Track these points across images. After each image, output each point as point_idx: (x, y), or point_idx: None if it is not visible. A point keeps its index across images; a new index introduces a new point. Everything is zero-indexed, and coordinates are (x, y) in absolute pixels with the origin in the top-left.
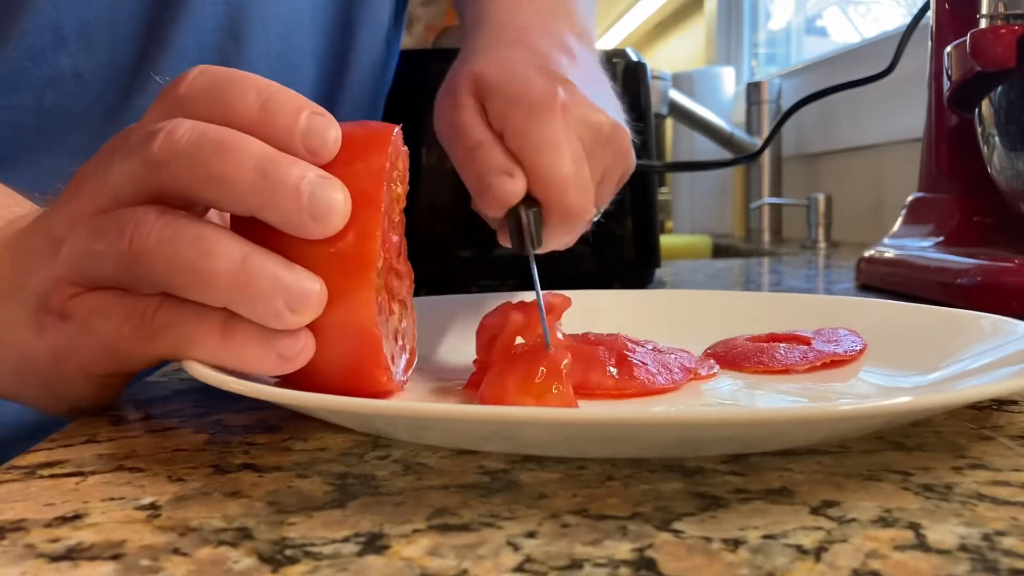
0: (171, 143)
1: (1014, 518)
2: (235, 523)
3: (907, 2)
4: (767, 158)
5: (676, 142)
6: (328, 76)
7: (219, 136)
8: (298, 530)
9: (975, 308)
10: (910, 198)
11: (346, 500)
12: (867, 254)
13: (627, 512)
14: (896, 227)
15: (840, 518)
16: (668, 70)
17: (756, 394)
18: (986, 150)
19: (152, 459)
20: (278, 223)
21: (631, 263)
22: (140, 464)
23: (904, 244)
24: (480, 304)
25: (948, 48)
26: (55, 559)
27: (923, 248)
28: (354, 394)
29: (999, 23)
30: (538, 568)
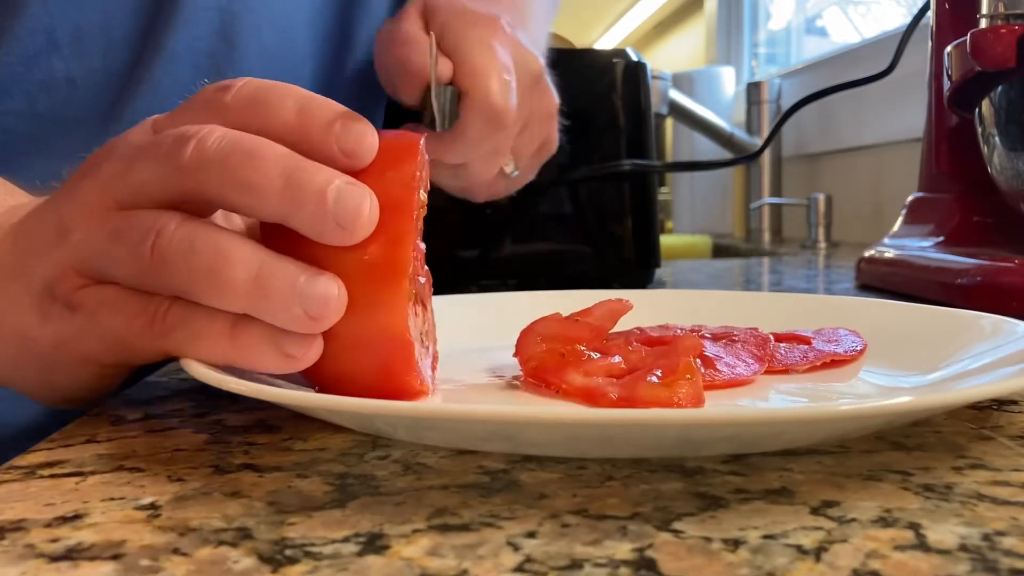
0: (202, 150)
1: (1014, 518)
2: (235, 523)
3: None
4: (767, 158)
5: (676, 142)
6: (325, 79)
7: (249, 144)
8: (298, 530)
9: (975, 308)
10: (910, 198)
11: (346, 500)
12: (867, 254)
13: (627, 512)
14: (896, 227)
15: (840, 518)
16: (668, 70)
17: (756, 394)
18: (986, 150)
19: (152, 459)
20: (304, 229)
21: (631, 263)
22: (140, 464)
23: (904, 244)
24: (481, 304)
25: (948, 48)
26: (55, 559)
27: (923, 248)
28: (387, 399)
29: (999, 23)
30: (538, 568)
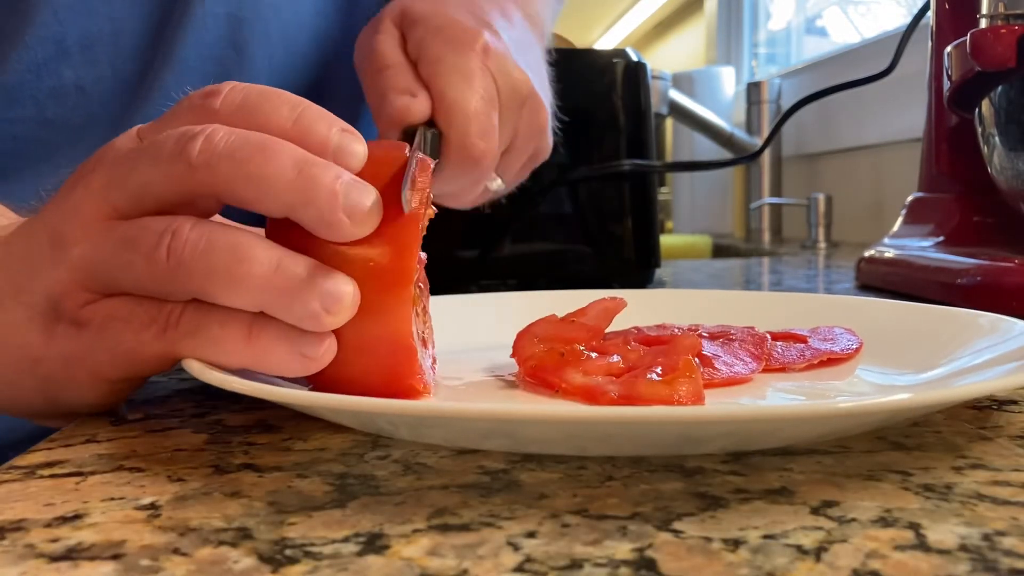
0: (212, 145)
1: (1014, 518)
2: (235, 523)
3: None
4: (767, 158)
5: (676, 142)
6: (326, 82)
7: (258, 139)
8: (298, 530)
9: (975, 308)
10: (910, 198)
11: (346, 500)
12: (867, 254)
13: (627, 512)
14: (896, 227)
15: (840, 518)
16: (668, 70)
17: (754, 392)
18: (986, 150)
19: (152, 459)
20: (313, 221)
21: (631, 263)
22: (140, 464)
23: (904, 244)
24: (481, 304)
25: (948, 48)
26: (55, 559)
27: (923, 248)
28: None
29: (999, 23)
30: (538, 568)
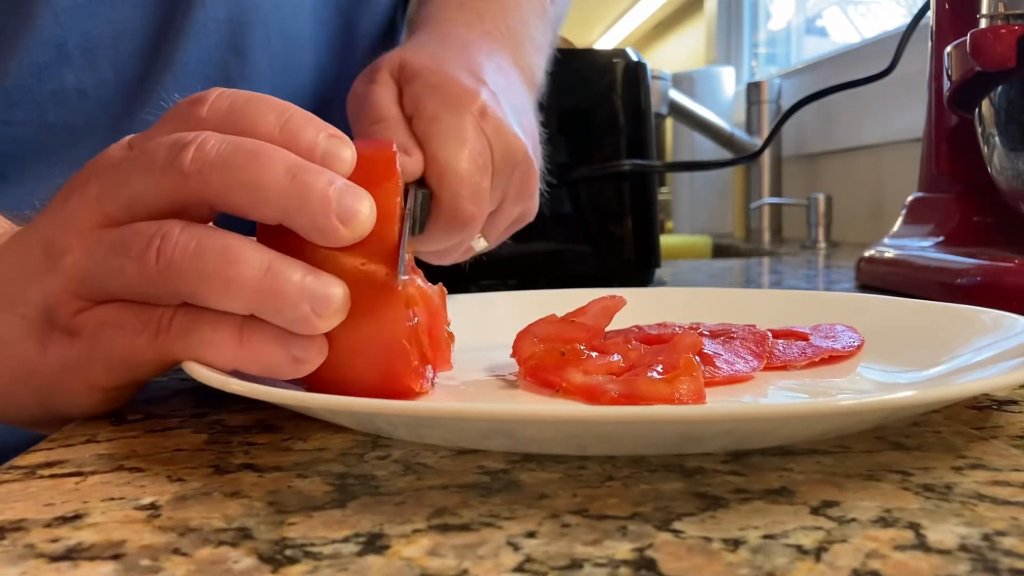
0: (203, 153)
1: (1014, 518)
2: (235, 523)
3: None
4: (767, 158)
5: (676, 142)
6: (327, 85)
7: (250, 145)
8: (298, 530)
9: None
10: (910, 198)
11: (346, 500)
12: (867, 254)
13: (627, 512)
14: (896, 227)
15: (840, 518)
16: (668, 70)
17: (755, 390)
18: (986, 150)
19: (152, 459)
20: (306, 227)
21: (631, 263)
22: (140, 464)
23: (904, 244)
24: (481, 304)
25: (948, 48)
26: (55, 559)
27: (923, 248)
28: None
29: (999, 23)
30: (538, 568)
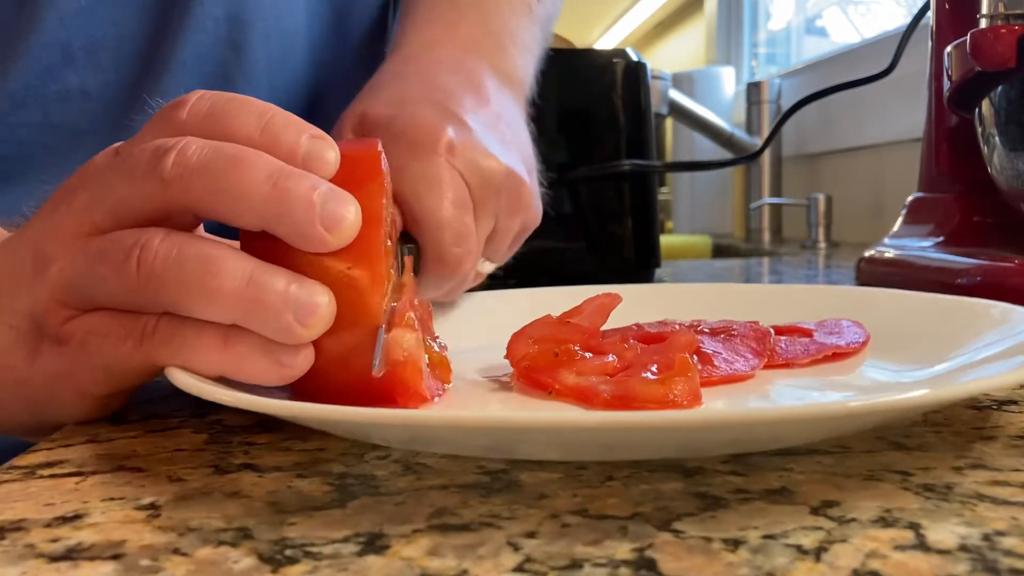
0: (184, 159)
1: (1014, 518)
2: (235, 523)
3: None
4: (767, 158)
5: (676, 142)
6: (320, 82)
7: (231, 151)
8: (298, 530)
9: None
10: (910, 198)
11: (346, 500)
12: (867, 254)
13: (627, 512)
14: (896, 227)
15: (840, 518)
16: (668, 70)
17: (755, 389)
18: (986, 150)
19: (152, 459)
20: (290, 235)
21: (631, 263)
22: (140, 464)
23: (904, 244)
24: (480, 304)
25: (948, 48)
26: (55, 559)
27: (923, 248)
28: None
29: (999, 23)
30: (538, 568)
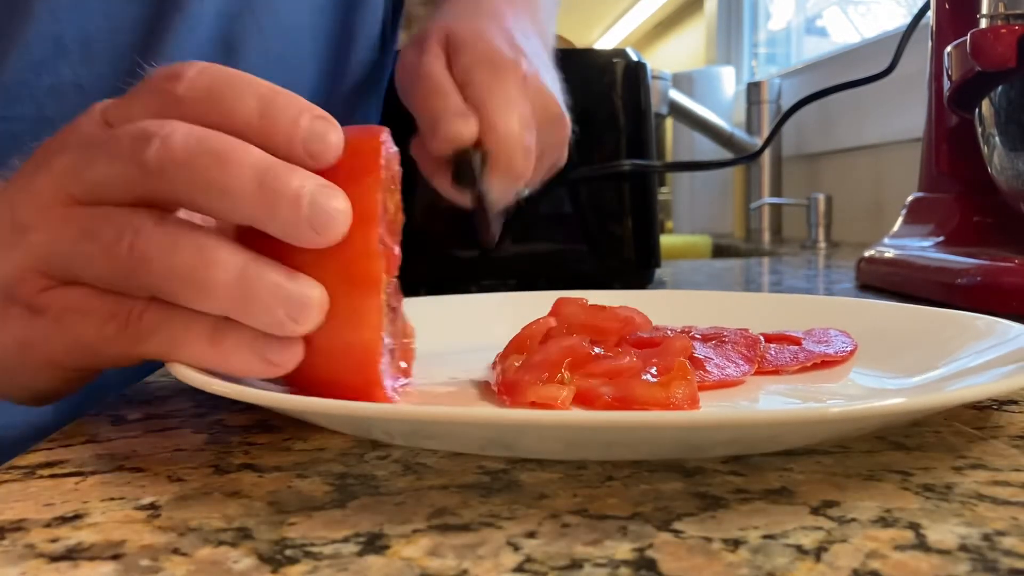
0: (168, 150)
1: (1014, 518)
2: (235, 523)
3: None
4: (767, 158)
5: (676, 142)
6: (327, 78)
7: (218, 145)
8: (298, 530)
9: (975, 308)
10: (910, 198)
11: (346, 500)
12: (867, 254)
13: (627, 512)
14: (896, 227)
15: (840, 518)
16: (668, 70)
17: (747, 395)
18: (986, 150)
19: (152, 459)
20: (278, 233)
21: (631, 263)
22: (140, 464)
23: (904, 244)
24: (480, 304)
25: (948, 48)
26: (55, 559)
27: (923, 248)
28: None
29: (999, 23)
30: (538, 568)
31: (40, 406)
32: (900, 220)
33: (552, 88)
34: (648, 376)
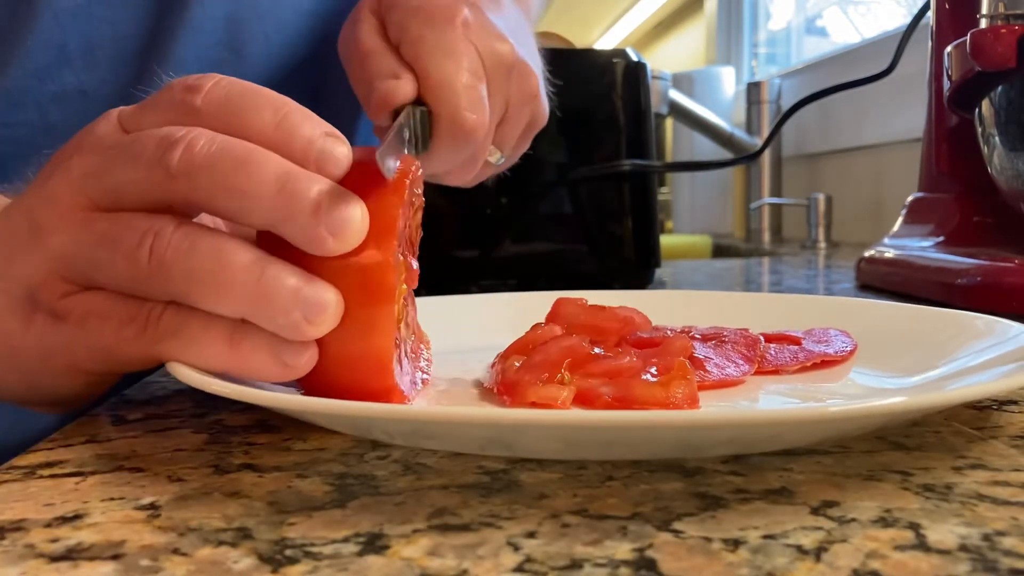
0: (191, 155)
1: (1014, 518)
2: (235, 523)
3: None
4: (767, 158)
5: (676, 142)
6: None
7: (240, 150)
8: (298, 530)
9: (975, 308)
10: (910, 198)
11: (346, 500)
12: (867, 254)
13: (627, 512)
14: (896, 227)
15: (840, 518)
16: (668, 70)
17: (747, 394)
18: (986, 150)
19: (152, 459)
20: (295, 238)
21: (631, 263)
22: (140, 464)
23: (904, 244)
24: (480, 304)
25: (948, 48)
26: (55, 559)
27: (923, 248)
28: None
29: (999, 23)
30: (538, 568)
31: (61, 413)
32: (900, 220)
33: (507, 33)
34: (648, 376)
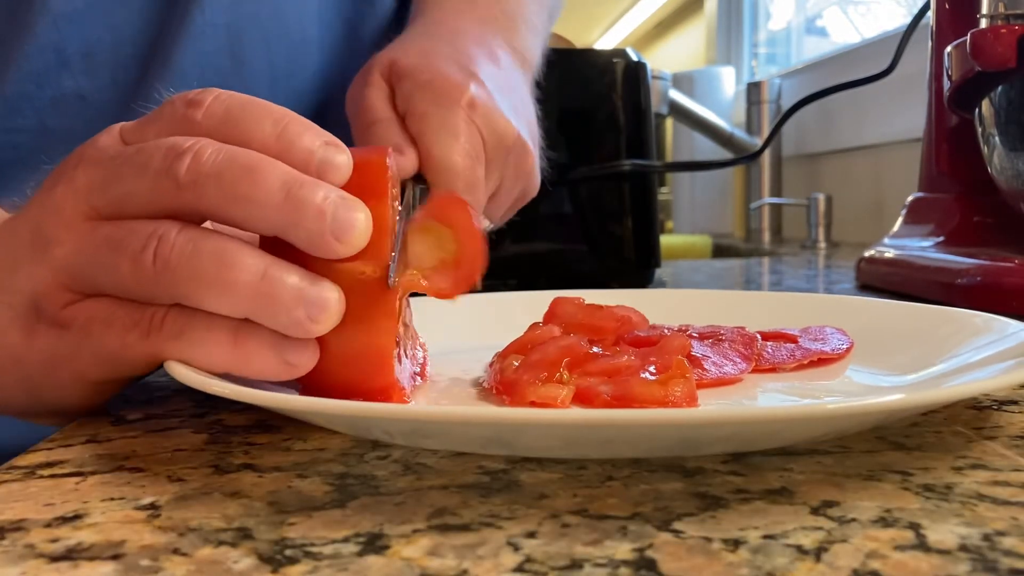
0: (199, 164)
1: (1014, 518)
2: (235, 523)
3: (907, 2)
4: (767, 158)
5: (676, 142)
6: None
7: (246, 159)
8: (298, 530)
9: (975, 308)
10: (910, 198)
11: (346, 500)
12: (867, 254)
13: (627, 512)
14: (896, 227)
15: (840, 518)
16: (668, 70)
17: (745, 392)
18: (986, 150)
19: (152, 459)
20: (302, 242)
21: (631, 263)
22: (140, 464)
23: (904, 244)
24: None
25: (948, 48)
26: (55, 559)
27: (923, 248)
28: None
29: (999, 23)
30: (538, 568)
31: (63, 424)
32: (900, 220)
33: (509, 113)
34: (646, 374)
